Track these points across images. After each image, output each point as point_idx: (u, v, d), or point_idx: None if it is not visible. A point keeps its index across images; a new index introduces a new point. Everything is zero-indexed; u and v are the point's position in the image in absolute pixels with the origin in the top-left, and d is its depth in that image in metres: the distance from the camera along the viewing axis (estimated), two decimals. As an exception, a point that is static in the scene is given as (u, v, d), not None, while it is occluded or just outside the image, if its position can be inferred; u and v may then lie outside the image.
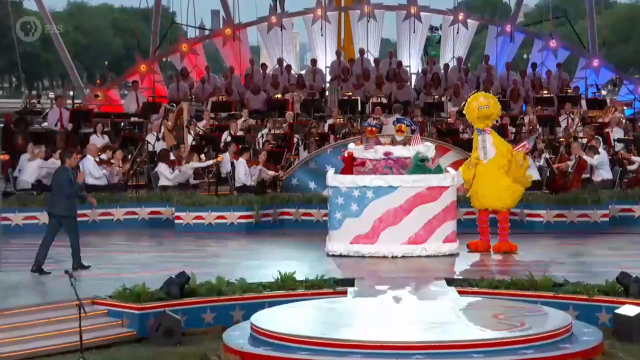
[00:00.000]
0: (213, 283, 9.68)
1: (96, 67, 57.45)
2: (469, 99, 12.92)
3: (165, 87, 24.91)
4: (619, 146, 18.38)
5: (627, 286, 9.32)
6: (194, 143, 18.12)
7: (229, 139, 18.43)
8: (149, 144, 18.05)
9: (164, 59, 27.35)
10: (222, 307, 9.50)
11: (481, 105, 12.40)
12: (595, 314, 9.21)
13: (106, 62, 52.99)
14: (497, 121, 17.40)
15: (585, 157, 16.06)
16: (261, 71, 24.62)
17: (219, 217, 14.87)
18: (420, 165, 12.42)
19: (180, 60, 25.83)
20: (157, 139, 18.37)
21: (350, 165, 12.80)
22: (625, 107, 22.62)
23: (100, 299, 9.44)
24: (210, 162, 16.58)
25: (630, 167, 16.89)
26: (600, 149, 16.36)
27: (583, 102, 22.43)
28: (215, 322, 9.44)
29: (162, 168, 16.35)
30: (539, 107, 21.31)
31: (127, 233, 14.71)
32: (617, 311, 8.82)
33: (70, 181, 11.03)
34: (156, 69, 25.74)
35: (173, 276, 9.66)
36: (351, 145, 13.25)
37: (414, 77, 25.74)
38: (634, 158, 16.96)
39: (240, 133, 19.20)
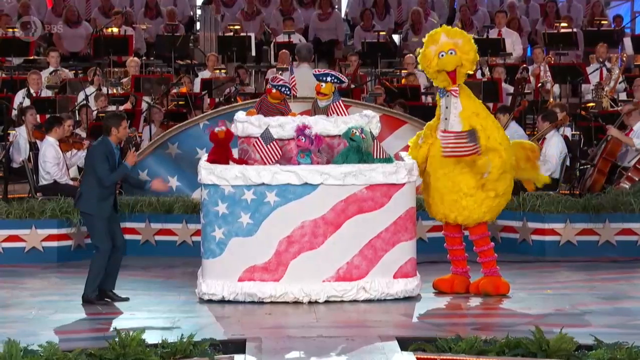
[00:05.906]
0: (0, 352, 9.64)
1: None
2: (425, 40, 12.94)
3: None
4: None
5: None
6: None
7: (27, 103, 18.28)
8: None
9: None
10: (18, 392, 9.46)
11: (442, 51, 12.55)
12: (645, 395, 9.50)
13: None
14: (482, 75, 17.71)
15: None
16: (82, -14, 24.47)
17: (10, 239, 14.94)
18: (355, 149, 12.54)
19: None
20: None
21: (224, 148, 12.73)
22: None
23: None
24: None
25: None
26: None
27: (627, 42, 22.97)
28: (6, 417, 9.42)
29: None
30: (553, 51, 21.80)
31: None
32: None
33: (105, 161, 12.24)
34: None
35: None
36: (240, 116, 13.27)
37: (344, 0, 25.93)
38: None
39: (46, 93, 19.06)
